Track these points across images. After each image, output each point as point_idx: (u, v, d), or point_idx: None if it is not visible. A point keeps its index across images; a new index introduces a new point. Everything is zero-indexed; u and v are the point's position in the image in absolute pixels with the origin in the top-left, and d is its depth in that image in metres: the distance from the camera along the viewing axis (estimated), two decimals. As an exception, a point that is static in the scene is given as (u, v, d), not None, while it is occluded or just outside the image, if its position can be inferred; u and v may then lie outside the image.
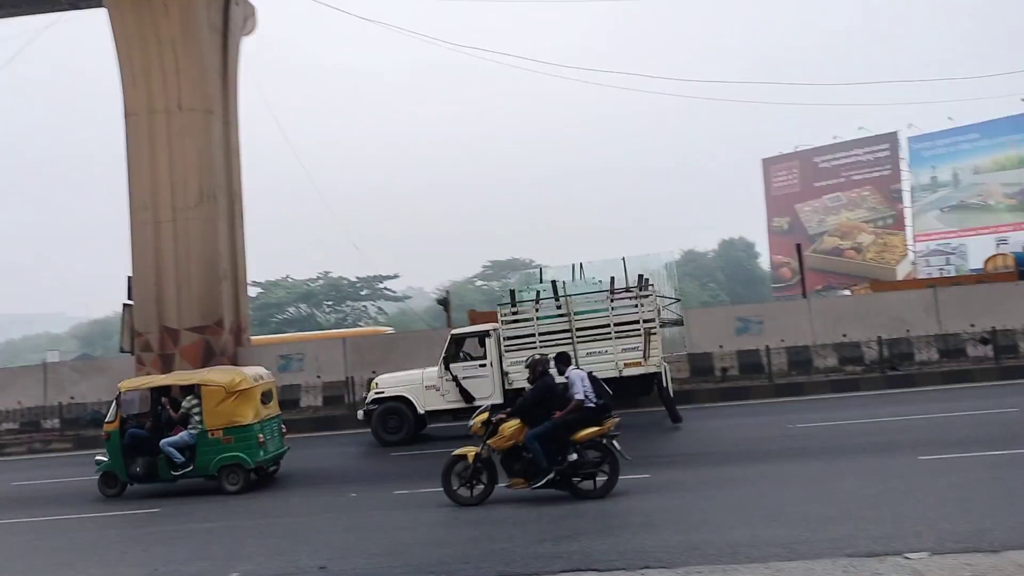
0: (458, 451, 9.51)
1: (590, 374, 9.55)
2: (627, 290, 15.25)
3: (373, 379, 16.61)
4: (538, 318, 15.18)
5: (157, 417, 12.57)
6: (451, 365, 15.45)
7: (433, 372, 15.65)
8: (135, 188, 21.78)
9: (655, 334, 14.82)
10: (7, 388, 21.85)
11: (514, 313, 15.42)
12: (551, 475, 9.02)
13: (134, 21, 21.49)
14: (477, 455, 9.34)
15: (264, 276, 68.72)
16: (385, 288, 69.40)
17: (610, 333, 14.85)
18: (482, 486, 9.36)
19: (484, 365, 15.38)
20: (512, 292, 16.07)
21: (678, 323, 17.24)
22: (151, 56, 21.62)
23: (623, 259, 16.22)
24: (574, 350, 14.52)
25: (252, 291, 24.84)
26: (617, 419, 9.31)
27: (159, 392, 12.57)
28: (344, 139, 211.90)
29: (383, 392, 15.78)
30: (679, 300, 17.36)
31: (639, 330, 14.73)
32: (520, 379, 14.12)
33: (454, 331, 16.23)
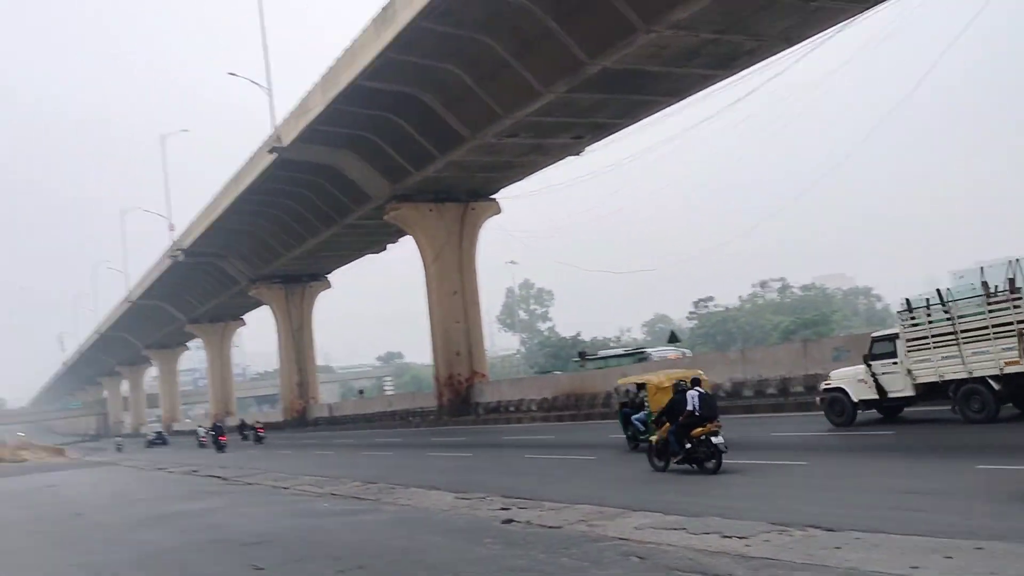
0: (651, 437, 15.43)
1: (703, 393, 14.31)
2: (991, 293, 16.08)
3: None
4: (930, 322, 17.09)
5: (634, 401, 19.27)
6: (871, 363, 18.08)
7: (863, 368, 18.31)
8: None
9: None
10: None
11: (912, 319, 17.49)
12: (679, 456, 14.28)
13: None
14: (658, 440, 14.96)
15: None
16: None
17: (989, 334, 15.95)
18: (665, 460, 14.79)
19: (896, 363, 17.70)
20: (907, 300, 18.01)
21: None
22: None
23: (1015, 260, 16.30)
24: (959, 350, 16.35)
25: None
26: (717, 424, 13.90)
27: (637, 385, 18.91)
28: None
29: (831, 383, 19.02)
30: None
31: (1013, 331, 15.49)
32: (924, 375, 17.07)
33: (874, 334, 19.20)
